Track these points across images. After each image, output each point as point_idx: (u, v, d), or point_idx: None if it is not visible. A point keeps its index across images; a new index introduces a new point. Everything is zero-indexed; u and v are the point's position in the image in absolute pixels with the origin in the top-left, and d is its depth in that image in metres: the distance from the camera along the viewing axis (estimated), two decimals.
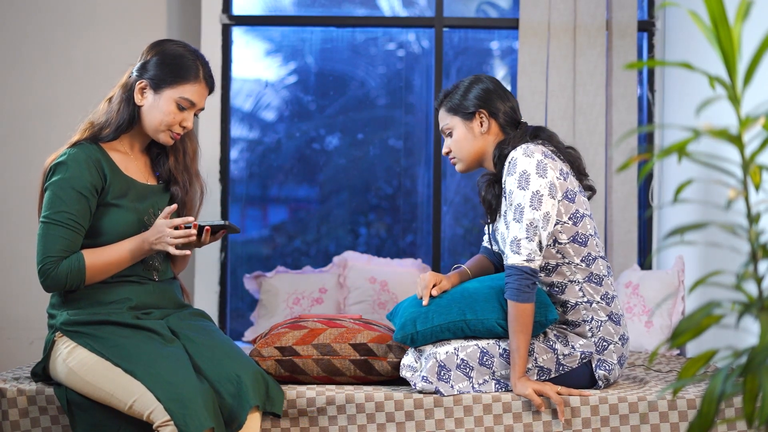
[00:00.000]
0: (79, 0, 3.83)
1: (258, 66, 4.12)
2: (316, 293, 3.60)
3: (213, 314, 3.76)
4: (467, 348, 2.33)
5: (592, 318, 2.35)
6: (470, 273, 2.58)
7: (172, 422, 2.06)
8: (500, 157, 2.41)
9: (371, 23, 4.00)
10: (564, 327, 2.37)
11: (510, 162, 2.34)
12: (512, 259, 2.28)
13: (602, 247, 2.42)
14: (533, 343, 2.33)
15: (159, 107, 2.37)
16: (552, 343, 2.34)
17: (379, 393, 2.33)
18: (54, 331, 2.32)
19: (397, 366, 2.42)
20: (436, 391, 2.31)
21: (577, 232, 2.35)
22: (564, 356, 2.33)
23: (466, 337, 2.36)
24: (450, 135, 2.51)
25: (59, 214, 2.27)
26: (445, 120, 2.51)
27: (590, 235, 2.37)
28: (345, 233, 4.06)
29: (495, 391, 2.32)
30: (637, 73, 3.81)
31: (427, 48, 4.01)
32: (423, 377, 2.31)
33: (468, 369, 2.32)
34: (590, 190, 2.47)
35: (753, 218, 1.16)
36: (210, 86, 2.45)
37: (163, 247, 2.28)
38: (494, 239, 2.53)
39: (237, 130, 4.04)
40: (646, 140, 3.85)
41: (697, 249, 3.26)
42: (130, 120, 2.40)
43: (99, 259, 2.28)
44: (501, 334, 2.34)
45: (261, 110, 4.08)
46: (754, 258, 1.16)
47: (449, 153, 2.52)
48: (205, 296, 3.78)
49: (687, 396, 2.31)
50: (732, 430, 2.31)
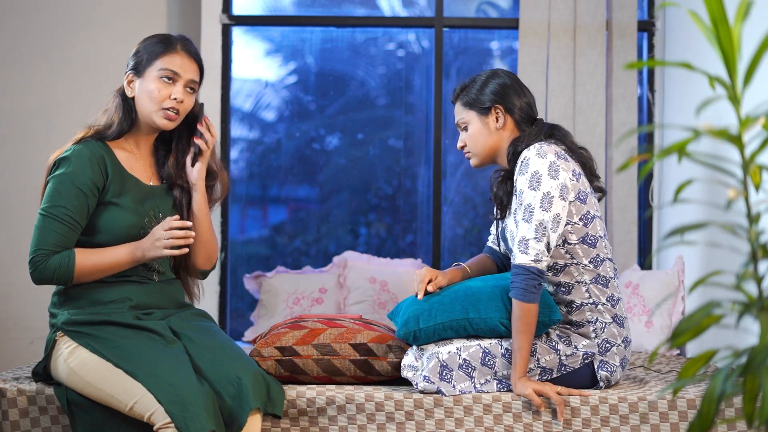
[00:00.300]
0: (79, 0, 3.83)
1: (258, 66, 4.12)
2: (316, 293, 3.60)
3: (213, 314, 3.76)
4: (469, 348, 2.33)
5: (597, 319, 2.35)
6: (470, 271, 2.57)
7: (173, 424, 2.06)
8: (514, 154, 2.41)
9: (371, 23, 4.00)
10: (567, 327, 2.37)
11: (522, 161, 2.33)
12: (520, 259, 2.27)
13: (610, 249, 2.41)
14: (536, 344, 2.32)
15: (146, 89, 2.38)
16: (554, 344, 2.34)
17: (379, 393, 2.33)
18: (55, 331, 2.32)
19: (397, 366, 2.42)
20: (438, 391, 2.31)
21: (587, 233, 2.35)
22: (566, 356, 2.33)
23: (469, 337, 2.36)
24: (465, 129, 2.50)
25: (56, 209, 2.27)
26: (461, 114, 2.50)
27: (599, 237, 2.37)
28: (345, 233, 4.06)
29: (496, 391, 2.32)
30: (637, 73, 3.80)
31: (427, 48, 4.01)
32: (425, 377, 2.31)
33: (470, 369, 2.31)
34: (600, 192, 2.46)
35: (753, 218, 1.16)
36: (193, 56, 2.43)
37: (157, 253, 2.27)
38: (503, 237, 2.53)
39: (237, 130, 4.04)
40: (646, 140, 3.85)
41: (697, 249, 3.25)
42: (129, 115, 2.40)
43: (89, 260, 2.28)
44: (504, 334, 2.34)
45: (261, 110, 4.08)
46: (754, 258, 1.16)
47: (464, 147, 2.51)
48: (205, 296, 3.77)
49: (687, 396, 2.31)
50: (732, 430, 2.31)
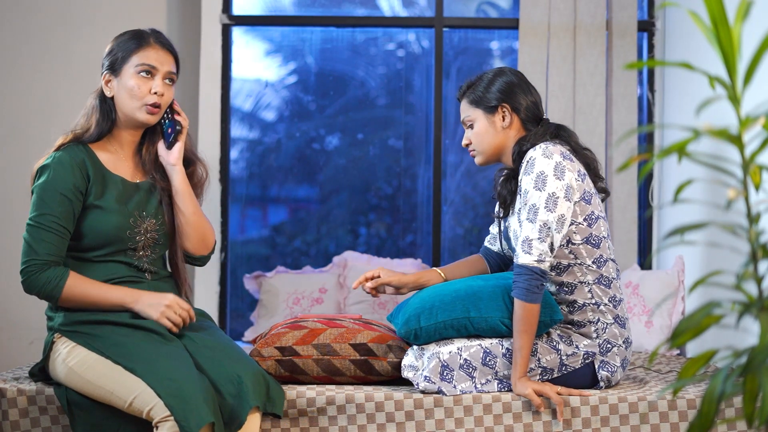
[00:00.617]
0: (79, 0, 3.83)
1: (258, 66, 4.12)
2: (316, 293, 3.60)
3: (213, 314, 3.76)
4: (470, 348, 2.33)
5: (599, 320, 2.35)
6: (445, 276, 2.57)
7: (172, 418, 2.05)
8: (519, 154, 2.40)
9: (371, 23, 4.00)
10: (568, 327, 2.37)
11: (528, 161, 2.32)
12: (523, 259, 2.27)
13: (613, 250, 2.41)
14: (536, 343, 2.32)
15: (124, 86, 2.36)
16: (555, 344, 2.34)
17: (379, 393, 2.33)
18: (53, 333, 2.32)
19: (397, 366, 2.42)
20: (439, 391, 2.31)
21: (591, 234, 2.34)
22: (567, 356, 2.33)
23: (469, 336, 2.36)
24: (471, 127, 2.49)
25: (43, 217, 2.27)
26: (467, 112, 2.49)
27: (603, 237, 2.37)
28: (345, 233, 4.06)
29: (497, 391, 2.32)
30: (637, 73, 3.80)
31: (427, 48, 4.01)
32: (426, 377, 2.31)
33: (471, 369, 2.31)
34: (604, 192, 2.46)
35: (753, 218, 1.16)
36: (167, 48, 2.41)
37: (152, 313, 2.25)
38: (505, 237, 2.52)
39: (237, 130, 4.04)
40: (646, 140, 3.85)
41: (697, 249, 3.25)
42: (109, 116, 2.38)
43: (78, 288, 2.27)
44: (505, 333, 2.34)
45: (261, 110, 4.08)
46: (754, 258, 1.16)
47: (469, 145, 2.50)
48: (205, 296, 3.78)
49: (687, 396, 2.31)
50: (732, 430, 2.31)
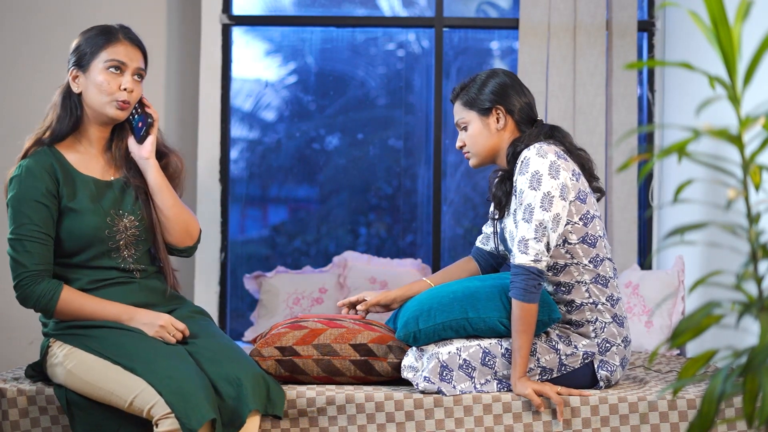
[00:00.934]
0: (79, 0, 3.83)
1: (258, 66, 4.12)
2: (316, 293, 3.60)
3: (213, 314, 3.76)
4: (469, 348, 2.33)
5: (597, 319, 2.35)
6: (433, 284, 2.59)
7: (173, 415, 2.04)
8: (513, 155, 2.40)
9: (371, 23, 3.99)
10: (567, 326, 2.37)
11: (522, 161, 2.33)
12: (519, 259, 2.27)
13: (609, 249, 2.41)
14: (535, 343, 2.32)
15: (93, 82, 2.33)
16: (554, 344, 2.34)
17: (379, 393, 2.33)
18: (48, 338, 2.31)
19: (397, 366, 2.42)
20: (439, 392, 2.31)
21: (587, 233, 2.35)
22: (566, 356, 2.33)
23: (468, 337, 2.36)
24: (465, 129, 2.49)
25: (23, 228, 2.24)
26: (461, 114, 2.49)
27: (599, 237, 2.37)
28: (345, 233, 4.06)
29: (497, 391, 2.32)
30: (637, 73, 3.80)
31: (427, 48, 4.01)
32: (425, 377, 2.31)
33: (470, 369, 2.31)
34: (599, 192, 2.46)
35: (753, 218, 1.16)
36: (136, 44, 2.38)
37: (149, 333, 2.25)
38: (501, 238, 2.52)
39: (237, 130, 4.04)
40: (646, 140, 3.85)
41: (697, 249, 3.25)
42: (73, 111, 2.35)
43: (74, 304, 2.26)
44: (503, 333, 2.34)
45: (261, 110, 4.08)
46: (754, 258, 1.16)
47: (463, 147, 2.50)
48: (205, 296, 3.78)
49: (687, 396, 2.31)
50: (732, 430, 2.31)
